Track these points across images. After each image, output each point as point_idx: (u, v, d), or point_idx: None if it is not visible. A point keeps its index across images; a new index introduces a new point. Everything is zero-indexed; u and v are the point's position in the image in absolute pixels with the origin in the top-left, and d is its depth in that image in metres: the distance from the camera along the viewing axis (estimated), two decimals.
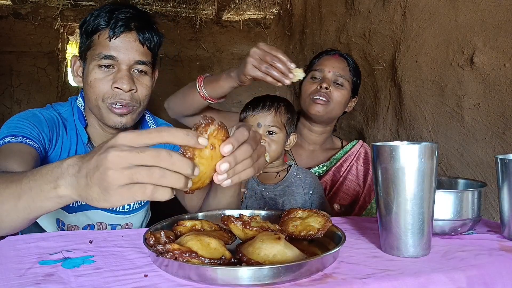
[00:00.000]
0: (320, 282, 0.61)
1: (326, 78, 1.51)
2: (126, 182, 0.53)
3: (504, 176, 0.86)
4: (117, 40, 1.10)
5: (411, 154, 0.72)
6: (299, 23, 3.21)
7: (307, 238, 0.78)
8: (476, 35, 1.49)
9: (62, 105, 1.25)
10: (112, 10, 1.12)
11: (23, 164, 0.96)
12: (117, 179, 0.53)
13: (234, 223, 0.78)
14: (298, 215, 0.85)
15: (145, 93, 1.16)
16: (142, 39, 1.13)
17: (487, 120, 1.47)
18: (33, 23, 3.29)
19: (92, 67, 1.11)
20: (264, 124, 1.31)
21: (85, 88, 1.16)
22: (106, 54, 1.09)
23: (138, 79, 1.14)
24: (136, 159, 0.53)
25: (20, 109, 3.24)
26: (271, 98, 1.37)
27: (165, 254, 0.62)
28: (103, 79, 1.11)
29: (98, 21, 1.11)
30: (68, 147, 1.18)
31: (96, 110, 1.14)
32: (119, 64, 1.11)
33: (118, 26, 1.09)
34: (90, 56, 1.12)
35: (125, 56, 1.10)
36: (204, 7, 3.56)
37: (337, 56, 1.58)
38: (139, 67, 1.14)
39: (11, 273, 0.64)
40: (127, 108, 1.13)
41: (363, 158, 1.59)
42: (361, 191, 1.54)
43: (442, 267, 0.69)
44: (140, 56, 1.13)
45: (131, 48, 1.11)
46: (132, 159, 0.53)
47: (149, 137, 0.55)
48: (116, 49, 1.10)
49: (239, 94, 3.61)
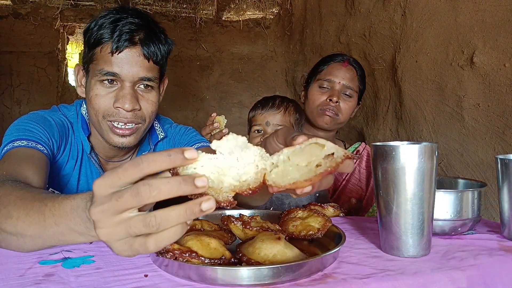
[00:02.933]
0: (320, 282, 0.61)
1: (336, 90, 1.48)
2: (124, 237, 0.47)
3: (504, 176, 0.86)
4: (120, 55, 1.01)
5: (411, 154, 0.72)
6: (299, 23, 3.21)
7: (307, 238, 0.78)
8: (476, 35, 1.49)
9: (68, 108, 1.19)
10: (116, 21, 1.03)
11: (38, 172, 0.91)
12: (111, 237, 0.47)
13: (234, 223, 0.78)
14: (298, 215, 0.85)
15: (151, 110, 1.08)
16: (147, 53, 1.04)
17: (487, 120, 1.47)
18: (33, 23, 3.29)
19: (94, 82, 1.04)
20: (272, 123, 1.31)
21: (87, 101, 1.09)
22: (108, 71, 1.01)
23: (143, 95, 1.06)
24: (115, 209, 0.45)
25: (20, 109, 3.24)
26: (281, 98, 1.37)
27: (165, 254, 0.62)
28: (105, 96, 1.03)
29: (101, 33, 1.02)
30: (76, 154, 1.14)
31: (97, 126, 1.08)
32: (123, 81, 1.03)
33: (121, 40, 1.01)
34: (92, 69, 1.05)
35: (128, 72, 1.02)
36: (204, 7, 3.56)
37: (347, 64, 1.53)
38: (145, 83, 1.06)
39: (11, 273, 0.64)
40: (129, 130, 1.06)
41: (366, 161, 1.58)
42: (363, 194, 1.54)
43: (442, 267, 0.69)
44: (145, 72, 1.04)
45: (135, 64, 1.03)
46: (111, 210, 0.45)
47: (127, 176, 0.46)
48: (119, 65, 1.01)
49: (239, 94, 3.61)
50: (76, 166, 1.14)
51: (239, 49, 3.61)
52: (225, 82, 3.58)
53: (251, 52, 3.63)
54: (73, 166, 1.13)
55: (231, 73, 3.60)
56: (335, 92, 1.48)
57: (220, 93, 3.56)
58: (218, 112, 1.32)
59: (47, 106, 1.23)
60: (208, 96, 3.53)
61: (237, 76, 3.60)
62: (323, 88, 1.50)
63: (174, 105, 3.28)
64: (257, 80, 3.63)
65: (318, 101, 1.50)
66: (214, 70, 3.56)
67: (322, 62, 1.58)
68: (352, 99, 1.51)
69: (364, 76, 1.58)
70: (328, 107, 1.47)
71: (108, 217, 0.45)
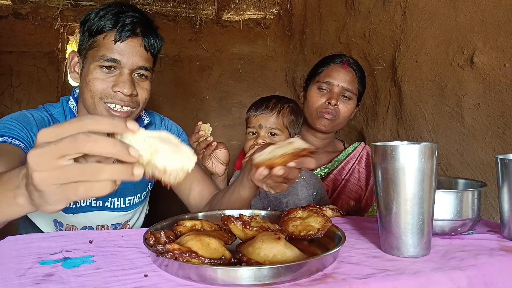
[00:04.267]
0: (320, 282, 0.61)
1: (334, 93, 1.48)
2: (57, 182, 0.49)
3: (504, 176, 0.86)
4: (122, 44, 1.10)
5: (411, 154, 0.72)
6: (299, 23, 3.21)
7: (307, 238, 0.78)
8: (476, 35, 1.49)
9: (54, 106, 1.25)
10: (118, 13, 1.11)
11: (9, 164, 0.95)
12: (45, 180, 0.49)
13: (234, 223, 0.78)
14: (298, 215, 0.85)
15: (145, 97, 1.17)
16: (147, 45, 1.14)
17: (487, 120, 1.47)
18: (33, 23, 3.29)
19: (94, 67, 1.11)
20: (265, 125, 1.31)
21: (81, 86, 1.15)
22: (110, 57, 1.09)
23: (138, 83, 1.15)
24: (53, 153, 0.47)
25: (20, 109, 3.23)
26: (276, 99, 1.36)
27: (165, 254, 0.62)
28: (104, 80, 1.10)
29: (104, 23, 1.10)
30: None
31: (91, 109, 1.13)
32: (122, 68, 1.11)
33: (125, 30, 1.09)
34: (92, 55, 1.12)
35: (128, 60, 1.11)
36: (204, 7, 3.56)
37: (346, 65, 1.52)
38: (141, 72, 1.14)
39: (11, 273, 0.64)
40: (125, 113, 1.13)
41: (365, 161, 1.58)
42: (363, 194, 1.54)
43: (442, 267, 0.69)
44: (143, 61, 1.14)
45: (135, 53, 1.12)
46: (49, 154, 0.47)
47: (70, 128, 0.48)
48: (121, 53, 1.10)
49: (239, 94, 3.61)
50: None
51: (239, 49, 3.61)
52: (225, 82, 3.57)
53: (251, 52, 3.63)
54: None
55: (231, 73, 3.59)
56: (333, 95, 1.47)
57: (220, 93, 3.56)
58: (204, 120, 1.32)
59: None
60: (208, 96, 3.53)
61: (237, 76, 3.60)
62: (322, 90, 1.50)
63: (174, 105, 3.27)
64: (257, 80, 3.63)
65: (316, 104, 1.49)
66: (214, 70, 3.55)
67: (321, 63, 1.57)
68: (351, 101, 1.50)
69: (363, 77, 1.58)
70: (327, 110, 1.46)
71: (46, 160, 0.48)
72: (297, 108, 1.39)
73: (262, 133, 1.31)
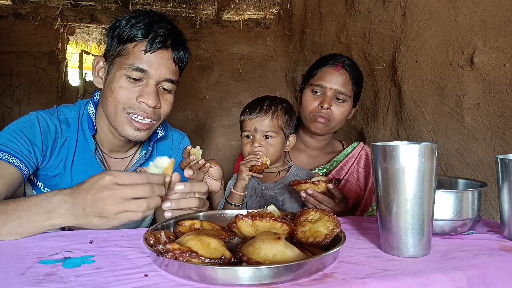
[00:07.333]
0: (320, 282, 0.62)
1: (327, 96, 1.47)
2: (121, 210, 0.76)
3: (504, 176, 0.86)
4: (152, 55, 1.08)
5: (411, 154, 0.72)
6: (299, 23, 3.21)
7: (315, 245, 0.77)
8: (476, 35, 1.49)
9: (70, 108, 1.21)
10: (151, 23, 1.09)
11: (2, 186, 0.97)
12: (115, 210, 0.76)
13: (243, 219, 0.78)
14: (310, 217, 0.83)
15: (167, 110, 1.16)
16: (177, 58, 1.13)
17: (487, 120, 1.48)
18: (33, 23, 3.29)
19: (120, 75, 1.08)
20: (260, 129, 1.31)
21: (105, 92, 1.12)
22: (139, 67, 1.07)
23: (162, 95, 1.13)
24: (127, 194, 0.76)
25: (20, 109, 3.24)
26: (269, 101, 1.35)
27: (165, 253, 0.62)
28: (129, 89, 1.08)
29: (135, 31, 1.08)
30: (66, 155, 1.16)
31: (112, 117, 1.11)
32: (149, 79, 1.09)
33: (156, 41, 1.07)
34: (120, 63, 1.09)
35: (156, 72, 1.09)
36: (204, 7, 3.57)
37: (339, 68, 1.50)
38: (166, 85, 1.13)
39: (12, 272, 0.64)
40: (146, 125, 1.12)
41: (364, 161, 1.57)
42: (362, 194, 1.53)
43: (442, 267, 0.69)
44: (170, 74, 1.12)
45: (164, 65, 1.10)
46: (122, 194, 0.76)
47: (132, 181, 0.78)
48: (150, 64, 1.08)
49: (239, 94, 3.61)
50: (66, 166, 1.17)
51: (239, 49, 3.61)
52: (225, 82, 3.58)
53: (251, 52, 3.63)
54: (63, 166, 1.16)
55: (231, 73, 3.59)
56: (326, 99, 1.46)
57: (220, 93, 3.56)
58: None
59: (47, 106, 1.25)
60: (208, 96, 3.53)
61: (237, 76, 3.60)
62: (315, 93, 1.49)
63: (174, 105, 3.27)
64: (257, 80, 3.63)
65: (310, 107, 1.49)
66: (214, 70, 3.56)
67: (316, 65, 1.56)
68: (345, 103, 1.49)
69: (359, 77, 1.55)
70: (320, 113, 1.46)
71: (116, 199, 0.77)
72: (290, 107, 1.39)
73: (257, 136, 1.31)
